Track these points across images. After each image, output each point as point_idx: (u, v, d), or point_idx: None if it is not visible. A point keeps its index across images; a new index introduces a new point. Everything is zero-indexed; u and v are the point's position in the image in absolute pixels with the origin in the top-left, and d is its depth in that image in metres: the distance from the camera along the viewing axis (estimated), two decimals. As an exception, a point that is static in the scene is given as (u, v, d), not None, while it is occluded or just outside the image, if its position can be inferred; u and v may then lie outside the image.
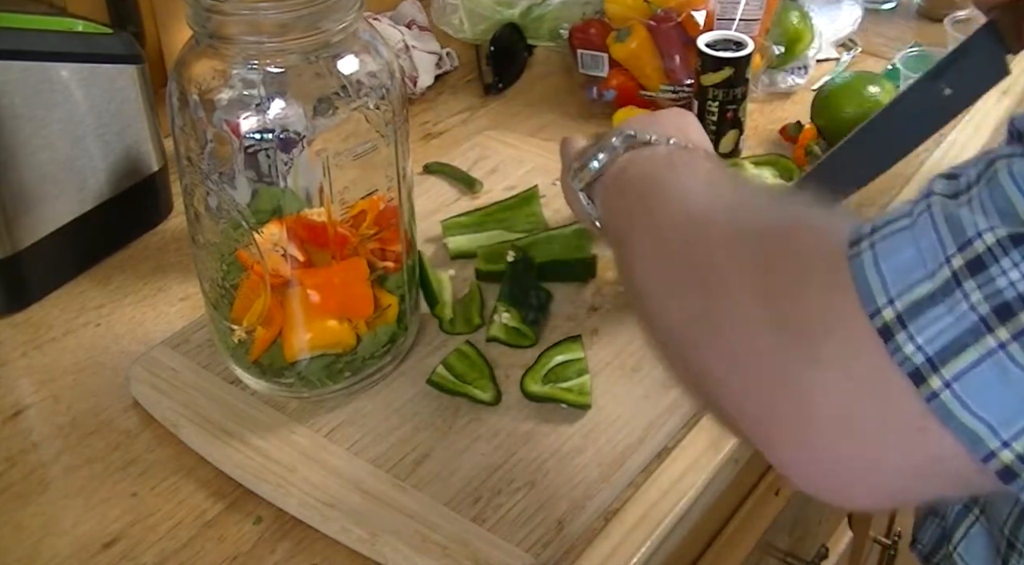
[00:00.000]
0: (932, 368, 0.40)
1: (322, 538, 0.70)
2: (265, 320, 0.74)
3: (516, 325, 0.82)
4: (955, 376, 0.39)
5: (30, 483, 0.74)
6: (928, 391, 0.40)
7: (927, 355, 0.40)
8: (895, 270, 0.41)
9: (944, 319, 0.40)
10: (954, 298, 0.39)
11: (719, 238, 0.51)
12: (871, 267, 0.42)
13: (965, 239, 0.40)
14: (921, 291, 0.40)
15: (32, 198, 0.86)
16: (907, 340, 0.40)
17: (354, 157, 0.70)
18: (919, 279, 0.40)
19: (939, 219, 0.41)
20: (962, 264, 0.40)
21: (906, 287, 0.41)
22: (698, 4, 1.09)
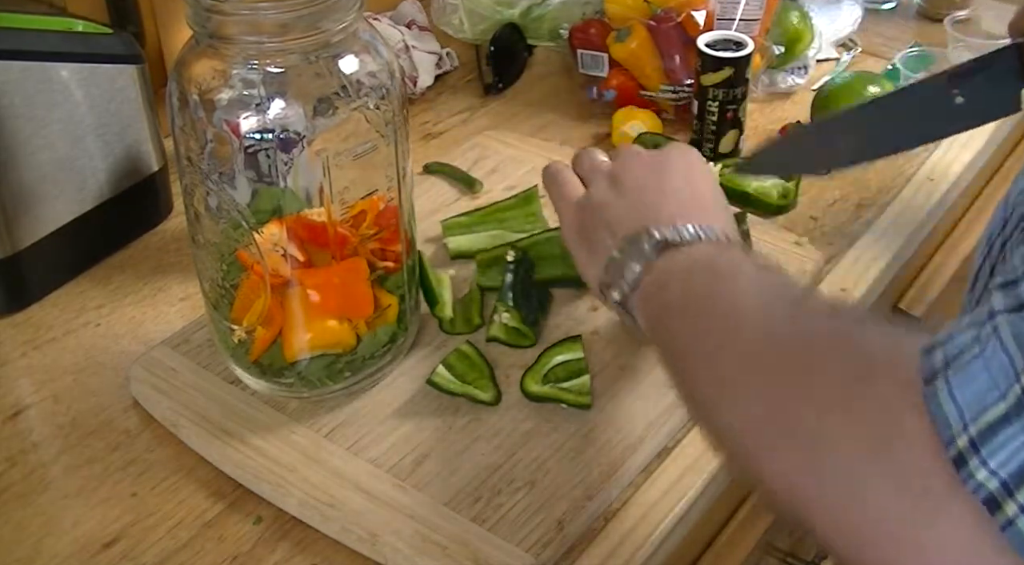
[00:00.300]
0: (1007, 493, 0.38)
1: (322, 538, 0.70)
2: (265, 320, 0.74)
3: (516, 325, 0.82)
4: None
5: (30, 483, 0.74)
6: (1004, 518, 0.38)
7: (1001, 479, 0.38)
8: (970, 397, 0.40)
9: (1019, 439, 0.38)
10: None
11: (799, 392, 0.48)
12: (947, 401, 0.40)
13: None
14: (994, 413, 0.39)
15: (32, 198, 0.86)
16: (980, 465, 0.39)
17: (354, 157, 0.70)
18: (993, 401, 0.39)
19: (1008, 339, 0.39)
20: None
21: (980, 411, 0.39)
22: (698, 4, 1.09)
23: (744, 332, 0.54)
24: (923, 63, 1.20)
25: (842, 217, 1.00)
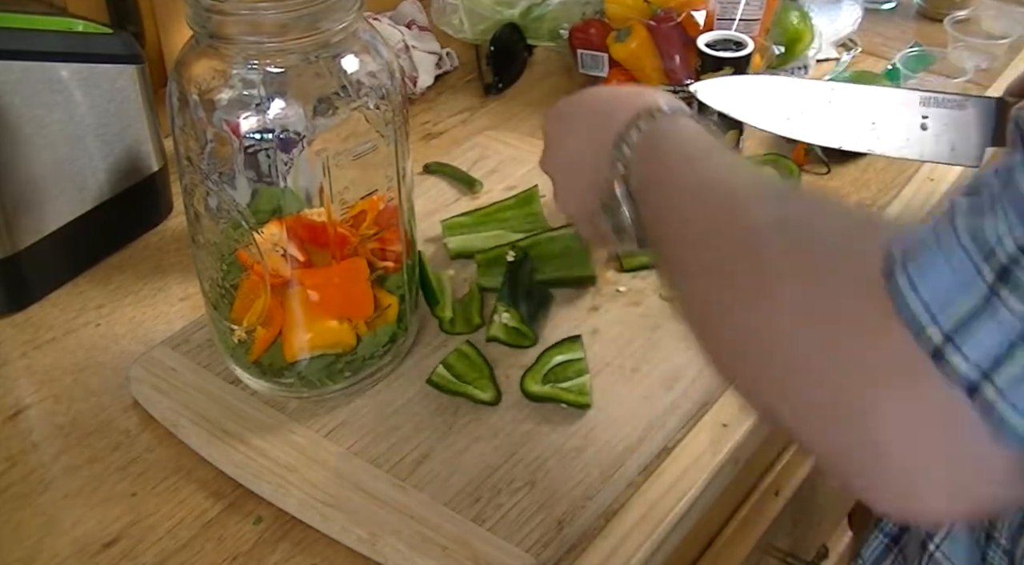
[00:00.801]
0: (986, 379, 0.41)
1: (322, 538, 0.70)
2: (265, 320, 0.74)
3: (516, 325, 0.82)
4: (1009, 384, 0.40)
5: (30, 483, 0.74)
6: (984, 402, 0.41)
7: (981, 369, 0.41)
8: (934, 291, 0.42)
9: (991, 332, 0.40)
10: (994, 309, 0.40)
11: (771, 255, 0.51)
12: (910, 291, 0.43)
13: (990, 249, 0.41)
14: (964, 309, 0.41)
15: (32, 198, 0.86)
16: (958, 357, 0.41)
17: (354, 157, 0.70)
18: (960, 297, 0.41)
19: (965, 236, 0.42)
20: (994, 277, 0.41)
21: (949, 306, 0.41)
22: (698, 4, 1.09)
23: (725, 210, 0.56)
24: (923, 63, 1.20)
25: (842, 217, 1.00)
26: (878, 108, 0.86)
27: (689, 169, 0.61)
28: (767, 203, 0.56)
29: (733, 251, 0.53)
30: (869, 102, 0.87)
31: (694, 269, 0.57)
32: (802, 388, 0.47)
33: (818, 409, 0.46)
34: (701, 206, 0.58)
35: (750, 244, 0.52)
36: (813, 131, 0.88)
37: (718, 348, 0.54)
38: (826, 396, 0.45)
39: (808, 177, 1.04)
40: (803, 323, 0.47)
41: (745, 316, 0.50)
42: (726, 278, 0.53)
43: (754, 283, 0.50)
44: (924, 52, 1.22)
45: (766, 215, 0.54)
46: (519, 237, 0.91)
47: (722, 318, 0.53)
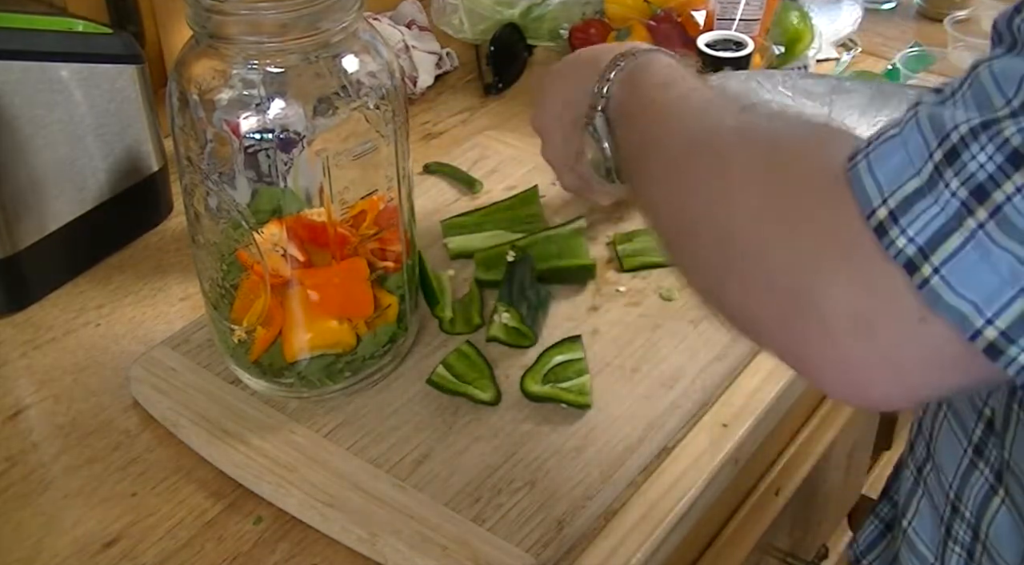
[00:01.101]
0: (923, 257, 0.42)
1: (322, 538, 0.70)
2: (265, 320, 0.74)
3: (516, 325, 0.82)
4: (943, 262, 0.42)
5: (30, 483, 0.74)
6: (920, 279, 0.42)
7: (918, 245, 0.42)
8: (888, 172, 0.44)
9: (931, 210, 0.42)
10: (938, 189, 0.42)
11: (734, 151, 0.53)
12: (866, 174, 0.44)
13: (944, 133, 0.43)
14: (910, 187, 0.43)
15: (32, 198, 0.86)
16: (900, 234, 0.43)
17: (354, 157, 0.70)
18: (909, 177, 0.43)
19: (924, 122, 0.44)
20: (941, 156, 0.42)
21: (897, 186, 0.43)
22: (698, 4, 1.09)
23: (677, 130, 0.60)
24: (923, 63, 1.20)
25: (842, 217, 1.00)
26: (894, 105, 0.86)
27: (661, 93, 0.65)
28: (730, 110, 0.58)
29: (697, 150, 0.56)
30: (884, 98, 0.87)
31: (661, 174, 0.59)
32: (756, 270, 0.48)
33: (769, 289, 0.48)
34: (673, 122, 0.61)
35: (712, 142, 0.55)
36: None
37: (679, 239, 0.56)
38: (778, 276, 0.47)
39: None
40: (762, 206, 0.49)
41: (707, 207, 0.52)
42: (690, 175, 0.55)
43: (716, 176, 0.52)
44: (924, 52, 1.22)
45: (729, 119, 0.57)
46: (519, 237, 0.91)
47: (684, 211, 0.55)
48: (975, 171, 0.41)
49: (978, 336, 0.42)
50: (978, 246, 0.41)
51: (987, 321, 0.41)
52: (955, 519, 0.61)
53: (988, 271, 0.41)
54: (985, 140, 0.42)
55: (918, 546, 0.65)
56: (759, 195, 0.49)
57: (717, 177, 0.52)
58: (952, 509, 0.61)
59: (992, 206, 0.41)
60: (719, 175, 0.52)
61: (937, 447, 0.63)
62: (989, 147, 0.41)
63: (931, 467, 0.64)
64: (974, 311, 0.42)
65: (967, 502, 0.60)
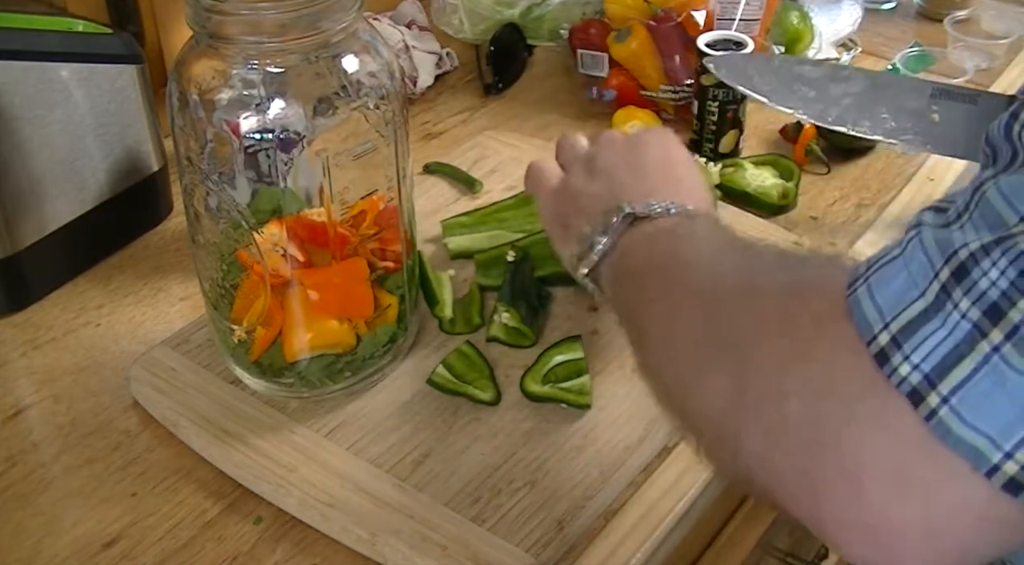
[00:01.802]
0: (930, 385, 0.39)
1: (322, 538, 0.70)
2: (265, 320, 0.74)
3: (516, 325, 0.82)
4: (952, 390, 0.38)
5: (30, 483, 0.74)
6: (927, 410, 0.39)
7: (924, 372, 0.39)
8: (889, 296, 0.41)
9: (938, 334, 0.39)
10: (945, 311, 0.39)
11: (735, 311, 0.50)
12: (866, 299, 0.41)
13: (951, 251, 0.39)
14: (914, 310, 0.40)
15: (32, 198, 0.86)
16: (903, 360, 0.39)
17: (354, 157, 0.70)
18: (912, 300, 0.40)
19: (928, 242, 0.41)
20: (948, 275, 0.39)
21: (900, 309, 0.40)
22: (698, 4, 1.09)
23: (692, 280, 0.56)
24: (923, 63, 1.20)
25: (842, 217, 1.00)
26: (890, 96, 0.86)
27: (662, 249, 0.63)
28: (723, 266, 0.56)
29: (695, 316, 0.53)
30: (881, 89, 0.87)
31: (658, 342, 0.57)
32: (774, 416, 0.45)
33: (792, 431, 0.44)
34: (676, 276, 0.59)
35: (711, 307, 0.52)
36: (821, 114, 0.87)
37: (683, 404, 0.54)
38: (799, 417, 0.43)
39: (808, 177, 1.04)
40: (780, 342, 0.46)
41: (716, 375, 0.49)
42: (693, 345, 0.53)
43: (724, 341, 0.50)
44: (924, 52, 1.22)
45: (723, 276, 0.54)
46: (519, 237, 0.91)
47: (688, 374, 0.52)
48: (987, 289, 0.38)
49: (996, 472, 0.38)
50: (992, 372, 0.38)
51: (1005, 455, 0.38)
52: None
53: (1004, 400, 0.37)
54: (998, 255, 0.38)
55: None
56: (776, 330, 0.46)
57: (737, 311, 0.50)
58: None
59: (1008, 326, 0.37)
60: (732, 342, 0.49)
61: None
62: (1002, 262, 0.38)
63: None
64: (990, 445, 0.38)
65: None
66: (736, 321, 0.50)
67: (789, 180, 1.01)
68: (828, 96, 0.88)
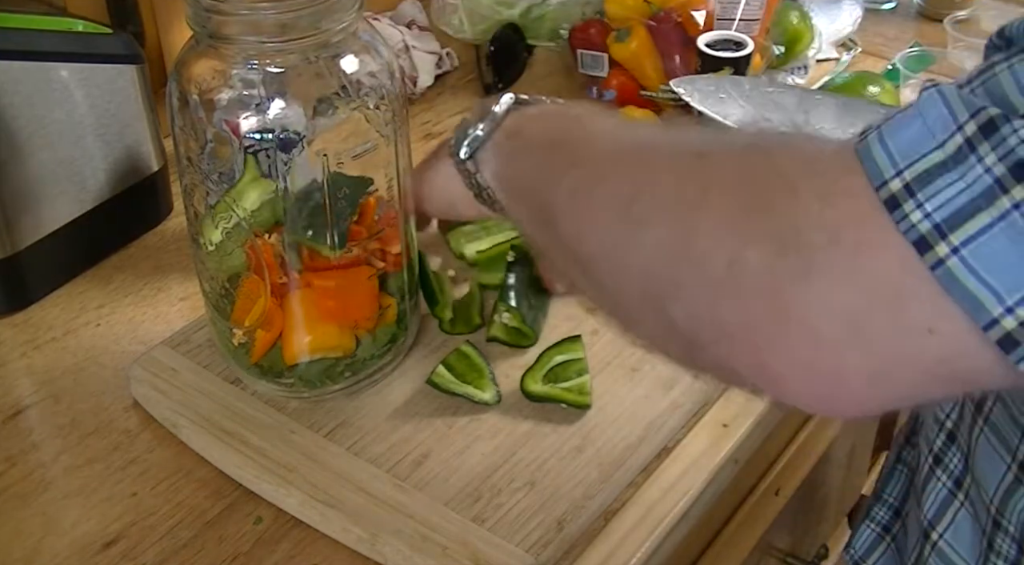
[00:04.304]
0: (940, 235, 0.38)
1: (322, 538, 0.70)
2: (265, 322, 0.74)
3: (517, 325, 0.82)
4: (964, 241, 0.38)
5: (30, 483, 0.74)
6: (934, 259, 0.38)
7: (935, 222, 0.38)
8: (903, 143, 0.40)
9: (956, 185, 0.38)
10: (967, 163, 0.38)
11: (677, 164, 0.48)
12: (877, 146, 0.40)
13: (976, 107, 0.39)
14: (932, 160, 0.39)
15: (32, 198, 0.86)
16: (915, 208, 0.39)
17: (354, 157, 0.70)
18: (929, 149, 0.39)
19: (952, 97, 0.40)
20: (975, 129, 0.38)
21: (915, 157, 0.39)
22: (698, 4, 1.09)
23: (609, 148, 0.54)
24: (923, 63, 1.20)
25: (842, 217, 1.00)
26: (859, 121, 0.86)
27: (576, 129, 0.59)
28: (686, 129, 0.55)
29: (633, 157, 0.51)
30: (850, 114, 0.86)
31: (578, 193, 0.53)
32: (717, 273, 0.43)
33: (734, 293, 0.43)
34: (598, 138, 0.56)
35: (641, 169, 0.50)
36: None
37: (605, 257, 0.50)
38: (747, 275, 0.42)
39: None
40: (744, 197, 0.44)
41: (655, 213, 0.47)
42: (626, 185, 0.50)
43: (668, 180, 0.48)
44: (924, 52, 1.22)
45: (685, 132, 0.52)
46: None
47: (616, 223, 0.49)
48: (1015, 145, 0.37)
49: (994, 325, 0.38)
50: (1009, 228, 0.37)
51: (1007, 309, 0.38)
52: (997, 533, 0.60)
53: (1016, 257, 0.37)
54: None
55: (952, 557, 0.64)
56: (738, 185, 0.44)
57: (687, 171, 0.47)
58: (994, 524, 0.60)
59: None
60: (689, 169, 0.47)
61: (976, 461, 0.61)
62: None
63: (971, 481, 0.62)
64: (993, 298, 0.38)
65: (1011, 518, 0.59)
66: (677, 176, 0.47)
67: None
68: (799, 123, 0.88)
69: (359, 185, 0.72)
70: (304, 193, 0.70)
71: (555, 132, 0.60)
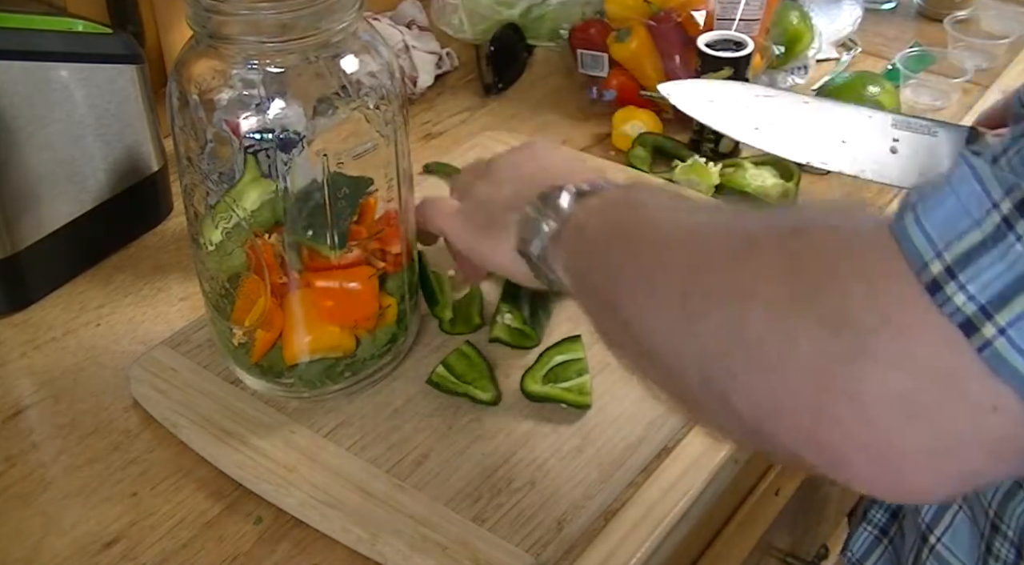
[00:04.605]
0: (985, 316, 0.38)
1: (322, 538, 0.70)
2: (265, 322, 0.74)
3: (519, 326, 0.82)
4: (1010, 321, 0.38)
5: (30, 483, 0.74)
6: (981, 341, 0.39)
7: (979, 304, 0.38)
8: (939, 223, 0.40)
9: (997, 266, 0.38)
10: (1007, 242, 0.38)
11: (728, 255, 0.49)
12: (914, 227, 0.40)
13: (1010, 184, 0.39)
14: (970, 240, 0.39)
15: (32, 198, 0.86)
16: (957, 290, 0.39)
17: (354, 157, 0.70)
18: (966, 228, 0.39)
19: (983, 172, 0.40)
20: (1011, 207, 0.38)
21: (953, 237, 0.39)
22: (698, 4, 1.09)
23: (664, 238, 0.55)
24: (923, 63, 1.20)
25: (842, 217, 1.00)
26: (849, 127, 0.86)
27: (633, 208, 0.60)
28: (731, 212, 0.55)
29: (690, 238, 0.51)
30: (840, 120, 0.86)
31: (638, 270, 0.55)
32: (776, 353, 0.44)
33: (794, 372, 0.43)
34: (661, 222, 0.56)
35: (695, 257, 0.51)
36: (781, 144, 0.87)
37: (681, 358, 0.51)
38: (804, 357, 0.42)
39: (808, 177, 1.04)
40: (785, 284, 0.44)
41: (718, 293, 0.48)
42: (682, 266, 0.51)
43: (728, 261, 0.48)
44: (924, 52, 1.22)
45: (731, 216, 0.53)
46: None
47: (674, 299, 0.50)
48: None
49: None
50: None
51: None
52: (996, 537, 0.60)
53: None
54: None
55: (950, 561, 0.64)
56: (785, 272, 0.45)
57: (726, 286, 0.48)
58: (992, 527, 0.60)
59: None
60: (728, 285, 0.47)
61: None
62: None
63: None
64: None
65: (1010, 522, 0.59)
66: (728, 266, 0.48)
67: (789, 180, 1.01)
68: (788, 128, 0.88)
69: (359, 185, 0.72)
70: (304, 193, 0.70)
71: (616, 226, 0.61)
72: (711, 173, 1.00)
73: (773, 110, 0.87)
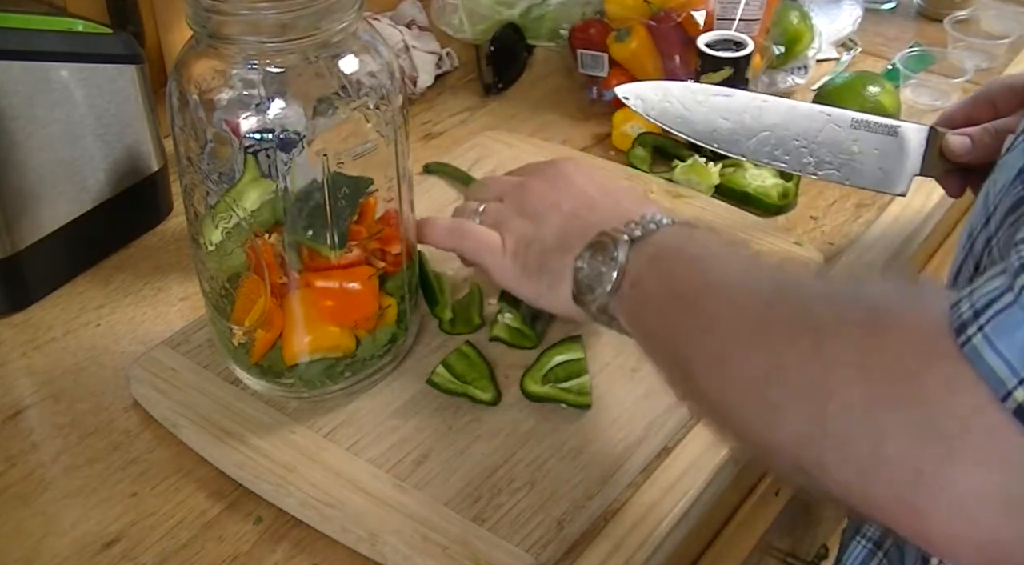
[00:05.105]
0: None
1: (322, 538, 0.70)
2: (265, 322, 0.74)
3: (519, 325, 0.82)
4: None
5: (30, 483, 0.74)
6: None
7: None
8: (1016, 349, 0.41)
9: None
10: None
11: (797, 344, 0.49)
12: (988, 351, 0.42)
13: None
14: None
15: (32, 198, 0.86)
16: None
17: (354, 157, 0.70)
18: None
19: None
20: None
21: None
22: (698, 4, 1.09)
23: (735, 302, 0.55)
24: (923, 63, 1.20)
25: (842, 217, 1.00)
26: (808, 127, 0.86)
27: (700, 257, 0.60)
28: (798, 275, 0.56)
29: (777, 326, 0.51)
30: (799, 120, 0.86)
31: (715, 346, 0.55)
32: (865, 453, 0.45)
33: (886, 471, 0.45)
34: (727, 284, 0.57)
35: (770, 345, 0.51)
36: (739, 146, 0.87)
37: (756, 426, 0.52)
38: (894, 458, 0.44)
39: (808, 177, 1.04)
40: (867, 386, 0.45)
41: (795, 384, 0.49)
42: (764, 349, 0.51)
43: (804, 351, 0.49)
44: (924, 52, 1.22)
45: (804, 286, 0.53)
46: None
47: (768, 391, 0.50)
48: None
49: None
50: None
51: None
52: None
53: None
54: None
55: None
56: (860, 373, 0.46)
57: (808, 351, 0.48)
58: None
59: None
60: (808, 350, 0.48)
61: None
62: None
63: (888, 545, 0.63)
64: None
65: None
66: (806, 363, 0.49)
67: (789, 180, 1.01)
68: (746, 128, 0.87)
69: (359, 185, 0.72)
70: (304, 193, 0.71)
71: (675, 283, 0.61)
72: (711, 173, 1.00)
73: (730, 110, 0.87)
